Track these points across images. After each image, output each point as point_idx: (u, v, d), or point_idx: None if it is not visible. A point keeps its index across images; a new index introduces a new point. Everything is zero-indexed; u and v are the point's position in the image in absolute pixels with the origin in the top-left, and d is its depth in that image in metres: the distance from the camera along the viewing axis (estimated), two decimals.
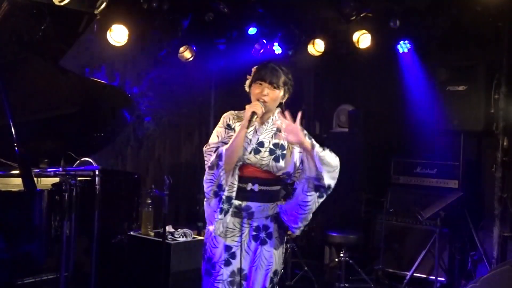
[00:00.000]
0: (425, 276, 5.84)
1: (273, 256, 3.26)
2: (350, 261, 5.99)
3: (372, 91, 6.97)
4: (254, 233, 3.23)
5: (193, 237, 5.04)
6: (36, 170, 4.08)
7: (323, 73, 7.43)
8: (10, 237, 3.62)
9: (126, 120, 5.28)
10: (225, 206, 3.14)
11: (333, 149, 3.22)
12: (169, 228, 4.91)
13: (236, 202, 3.19)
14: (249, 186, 3.19)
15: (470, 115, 5.77)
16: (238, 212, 3.20)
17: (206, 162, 3.18)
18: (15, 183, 3.95)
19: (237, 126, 3.21)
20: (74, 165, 4.32)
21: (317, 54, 6.83)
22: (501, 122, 5.55)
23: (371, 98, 7.00)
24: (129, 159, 6.33)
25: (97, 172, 4.10)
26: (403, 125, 6.51)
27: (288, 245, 5.99)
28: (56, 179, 3.95)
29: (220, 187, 3.13)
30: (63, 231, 3.83)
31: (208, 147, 3.21)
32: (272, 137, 3.24)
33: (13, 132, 3.69)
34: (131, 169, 6.21)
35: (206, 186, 3.17)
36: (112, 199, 4.49)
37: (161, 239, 4.73)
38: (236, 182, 3.17)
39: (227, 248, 3.20)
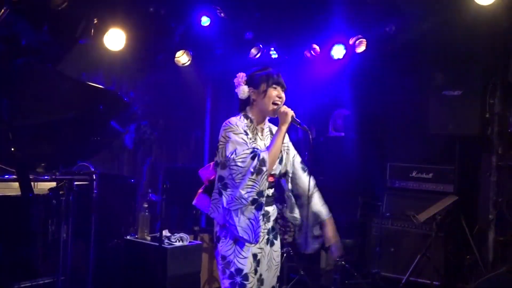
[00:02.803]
0: (420, 280, 5.85)
1: (279, 256, 3.41)
2: (346, 265, 6.00)
3: (368, 95, 6.99)
4: (267, 236, 3.33)
5: (190, 241, 5.04)
6: (33, 175, 4.08)
7: (320, 77, 7.44)
8: (7, 241, 3.62)
9: (123, 124, 5.29)
10: (262, 213, 3.18)
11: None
12: (165, 233, 4.92)
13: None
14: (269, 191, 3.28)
15: (466, 120, 5.79)
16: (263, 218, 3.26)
17: (235, 170, 3.08)
18: (13, 187, 3.95)
19: (249, 132, 3.26)
20: (71, 170, 4.33)
21: (313, 58, 6.86)
22: (496, 127, 5.57)
23: (367, 102, 7.02)
24: (125, 163, 6.33)
25: (94, 177, 4.11)
26: (399, 129, 6.53)
27: (285, 249, 6.01)
28: (53, 184, 3.96)
29: (260, 194, 3.12)
30: (60, 235, 3.84)
31: (237, 155, 3.10)
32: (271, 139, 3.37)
33: (11, 136, 3.70)
34: (128, 173, 6.21)
35: (244, 192, 3.06)
36: (109, 204, 4.51)
37: (157, 243, 4.74)
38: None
39: (254, 256, 3.23)
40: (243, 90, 3.32)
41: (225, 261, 3.18)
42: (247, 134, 3.21)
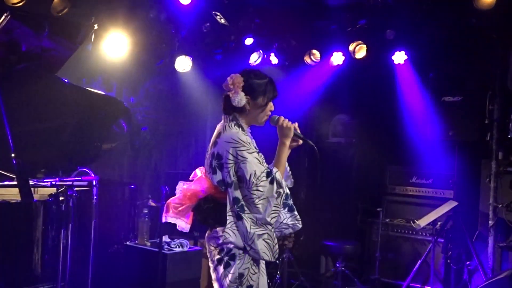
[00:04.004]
0: (420, 286, 5.86)
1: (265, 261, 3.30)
2: (346, 271, 6.00)
3: (368, 101, 7.00)
4: None
5: (190, 247, 5.04)
6: (34, 181, 4.08)
7: (319, 83, 7.46)
8: (7, 247, 3.62)
9: (123, 130, 5.30)
10: (274, 230, 3.12)
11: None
12: (165, 238, 4.92)
13: None
14: None
15: (465, 126, 5.81)
16: None
17: (255, 195, 2.97)
18: (12, 193, 3.95)
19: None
20: (71, 176, 4.33)
21: (313, 64, 6.87)
22: (496, 133, 5.58)
23: (367, 108, 7.03)
24: (125, 169, 6.33)
25: (94, 183, 4.11)
26: (399, 135, 6.54)
27: (285, 255, 6.01)
28: (53, 189, 3.96)
29: (279, 215, 3.08)
30: (60, 241, 3.84)
31: (258, 179, 2.98)
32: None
33: (11, 142, 3.71)
34: (128, 179, 6.21)
35: (270, 219, 3.00)
36: (109, 209, 4.51)
37: (157, 249, 4.74)
38: None
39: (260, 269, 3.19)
40: (241, 98, 3.09)
41: (241, 279, 3.06)
42: (258, 152, 3.09)
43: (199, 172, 3.29)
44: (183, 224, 3.28)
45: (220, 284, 3.12)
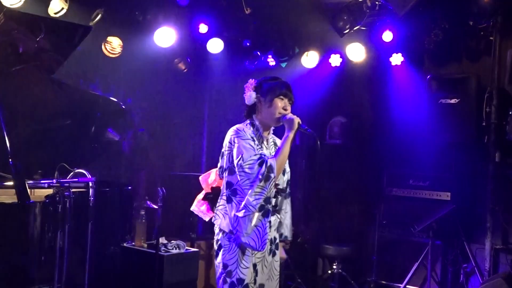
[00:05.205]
0: None
1: (279, 266, 3.40)
2: (343, 273, 6.01)
3: (365, 103, 7.01)
4: (269, 246, 3.31)
5: (186, 249, 5.04)
6: (30, 182, 4.07)
7: (317, 85, 7.46)
8: (3, 248, 3.61)
9: (120, 131, 5.29)
10: (271, 220, 3.21)
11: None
12: (162, 240, 4.91)
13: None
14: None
15: (462, 128, 5.82)
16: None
17: (243, 177, 3.13)
18: (9, 194, 3.94)
19: (255, 139, 3.30)
20: (68, 177, 4.32)
21: (310, 66, 6.88)
22: (493, 135, 5.59)
23: (364, 110, 7.04)
24: (122, 170, 6.32)
25: (91, 184, 4.09)
26: (396, 137, 6.54)
27: None
28: (50, 191, 3.95)
29: (268, 200, 3.15)
30: (57, 243, 3.83)
31: (244, 161, 3.14)
32: (274, 149, 3.41)
33: (7, 143, 3.70)
34: (125, 181, 6.19)
35: (252, 199, 3.08)
36: (106, 211, 4.50)
37: (154, 251, 4.73)
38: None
39: (254, 266, 3.23)
40: (251, 96, 3.36)
41: (226, 270, 3.17)
42: (254, 141, 3.25)
43: None
44: (201, 213, 3.49)
45: (216, 275, 3.28)
